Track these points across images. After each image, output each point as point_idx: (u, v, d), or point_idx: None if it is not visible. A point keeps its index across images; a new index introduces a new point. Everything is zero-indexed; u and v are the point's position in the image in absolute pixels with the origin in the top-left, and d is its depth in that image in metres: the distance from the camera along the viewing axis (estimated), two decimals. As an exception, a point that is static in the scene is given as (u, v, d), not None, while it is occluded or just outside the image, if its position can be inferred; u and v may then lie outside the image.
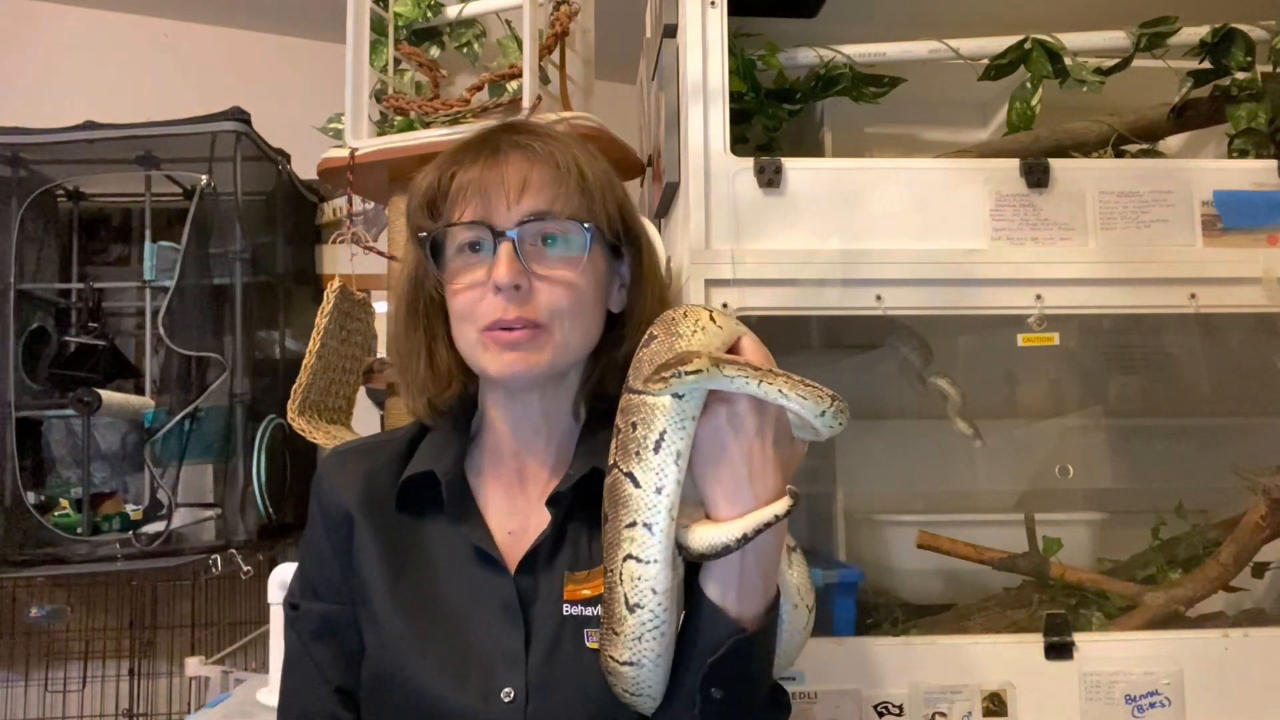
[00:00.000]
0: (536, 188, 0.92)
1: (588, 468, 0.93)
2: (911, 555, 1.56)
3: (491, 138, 0.96)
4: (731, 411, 0.80)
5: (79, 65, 3.04)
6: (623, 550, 0.79)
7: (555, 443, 0.99)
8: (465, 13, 1.86)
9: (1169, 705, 1.36)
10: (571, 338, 0.93)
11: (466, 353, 0.95)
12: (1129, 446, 1.75)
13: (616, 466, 0.80)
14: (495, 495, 0.98)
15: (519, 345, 0.91)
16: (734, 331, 0.85)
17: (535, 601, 0.91)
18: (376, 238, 1.94)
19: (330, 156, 1.77)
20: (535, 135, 0.96)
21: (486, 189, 0.92)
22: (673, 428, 0.78)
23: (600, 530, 0.92)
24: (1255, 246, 1.43)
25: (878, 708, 1.35)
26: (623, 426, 0.81)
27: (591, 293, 0.95)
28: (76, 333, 2.60)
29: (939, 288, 1.40)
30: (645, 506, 0.79)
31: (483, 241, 0.92)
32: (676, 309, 0.86)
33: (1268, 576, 1.53)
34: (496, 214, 0.91)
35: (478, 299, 0.92)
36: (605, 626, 0.82)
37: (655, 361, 0.80)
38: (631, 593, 0.79)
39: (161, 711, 2.82)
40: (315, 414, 1.70)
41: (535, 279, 0.91)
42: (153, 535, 2.38)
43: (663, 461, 0.78)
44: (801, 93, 1.64)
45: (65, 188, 2.75)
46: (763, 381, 0.78)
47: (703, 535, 0.79)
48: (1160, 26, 1.55)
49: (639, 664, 0.81)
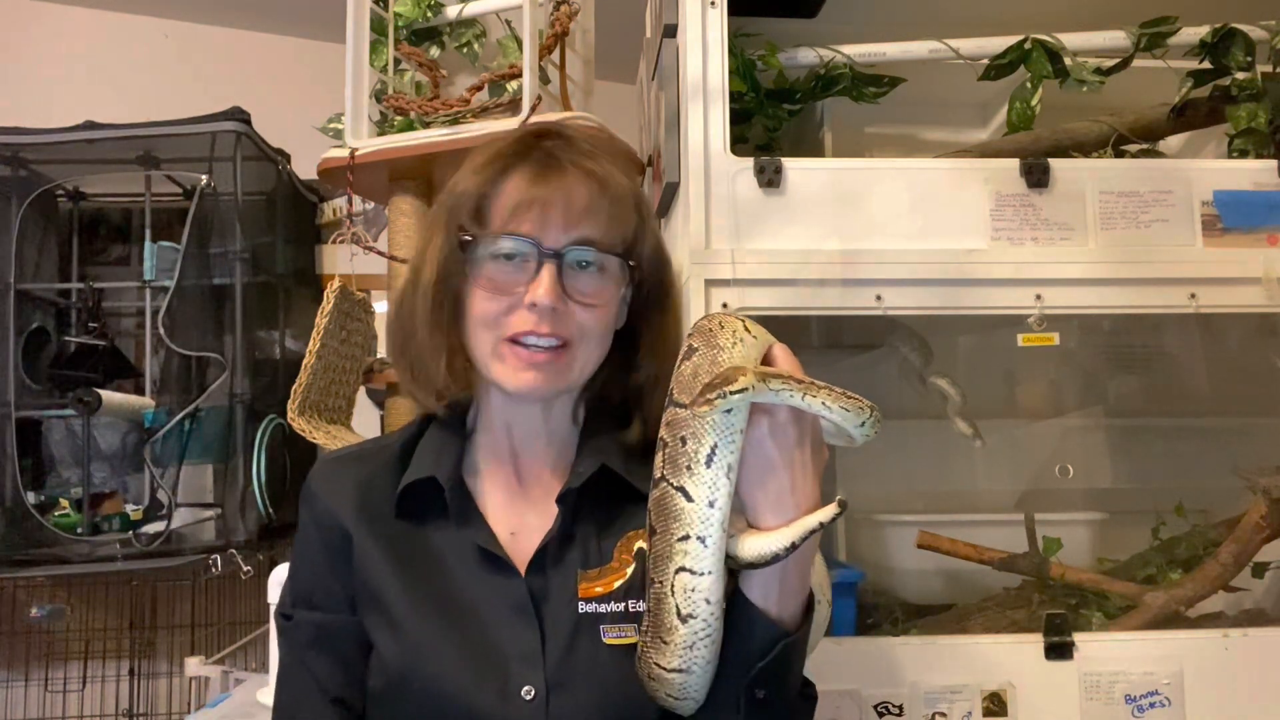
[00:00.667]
0: (595, 215, 0.92)
1: (596, 465, 0.94)
2: (911, 555, 1.56)
3: (547, 149, 0.95)
4: (773, 422, 0.81)
5: (79, 65, 3.04)
6: (675, 563, 0.80)
7: (555, 445, 0.99)
8: (465, 13, 1.86)
9: (1169, 705, 1.36)
10: (590, 357, 0.94)
11: (478, 358, 0.94)
12: (1129, 446, 1.75)
13: (666, 480, 0.81)
14: (494, 495, 0.98)
15: (540, 366, 0.91)
16: (766, 340, 0.87)
17: (547, 600, 0.91)
18: (376, 238, 1.94)
19: (330, 156, 1.77)
20: (592, 157, 0.95)
21: (547, 206, 0.91)
22: (723, 441, 0.80)
23: (606, 527, 0.93)
24: (1255, 246, 1.43)
25: (878, 708, 1.35)
26: (669, 440, 0.82)
27: (613, 315, 0.96)
28: (76, 333, 2.60)
29: (939, 288, 1.40)
30: (699, 520, 0.80)
31: (524, 254, 0.91)
32: (710, 318, 0.86)
33: (1268, 576, 1.53)
34: (549, 232, 0.91)
35: (505, 310, 0.91)
36: (650, 635, 0.83)
37: (698, 375, 0.81)
38: (684, 604, 0.80)
39: (161, 711, 2.82)
40: (315, 414, 1.70)
41: (570, 301, 0.92)
42: (153, 535, 2.38)
43: (715, 475, 0.80)
44: (801, 93, 1.64)
45: (65, 188, 2.75)
46: (806, 394, 0.79)
47: (752, 545, 0.81)
48: (1160, 26, 1.55)
49: (688, 670, 0.82)
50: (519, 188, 0.92)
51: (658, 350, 0.98)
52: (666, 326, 1.00)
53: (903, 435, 1.68)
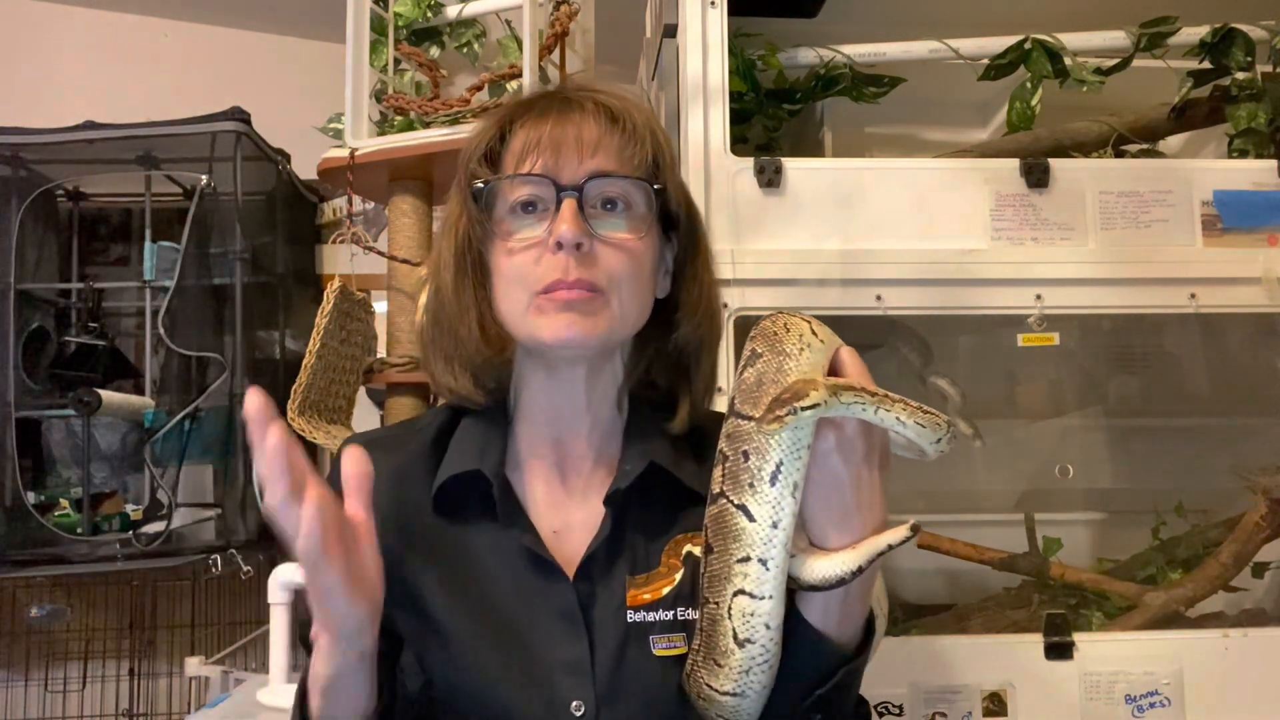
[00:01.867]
0: (609, 147, 0.86)
1: (645, 464, 0.88)
2: (911, 555, 1.56)
3: (560, 93, 0.91)
4: (841, 436, 0.75)
5: (79, 65, 3.04)
6: (734, 585, 0.75)
7: (599, 430, 0.92)
8: (465, 13, 1.86)
9: (1169, 705, 1.36)
10: (629, 309, 0.87)
11: (513, 321, 0.87)
12: (1129, 446, 1.75)
13: (725, 497, 0.76)
14: (536, 490, 0.91)
15: (575, 306, 0.84)
16: (834, 343, 0.81)
17: (594, 608, 0.85)
18: (376, 238, 1.94)
19: (330, 156, 1.77)
20: (610, 94, 0.89)
21: (558, 144, 0.86)
22: (789, 459, 0.74)
23: (653, 529, 0.88)
24: (1255, 246, 1.43)
25: (878, 708, 1.35)
26: (730, 454, 0.76)
27: (649, 265, 0.89)
28: (76, 333, 2.59)
29: (939, 288, 1.40)
30: (760, 541, 0.74)
31: (542, 200, 0.86)
32: (774, 318, 0.80)
33: (1268, 576, 1.53)
34: (564, 170, 0.85)
35: (534, 260, 0.85)
36: (704, 655, 0.78)
37: (763, 383, 0.76)
38: (742, 628, 0.76)
39: (161, 711, 2.82)
40: (315, 414, 1.70)
41: (598, 242, 0.85)
42: (153, 535, 2.38)
43: (779, 494, 0.74)
44: (801, 93, 1.64)
45: (65, 188, 2.75)
46: (880, 408, 0.74)
47: (816, 568, 0.76)
48: (1160, 26, 1.55)
49: (743, 695, 0.78)
50: (529, 131, 0.87)
51: (693, 306, 0.93)
52: (700, 279, 0.94)
53: (902, 435, 1.68)
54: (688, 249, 0.94)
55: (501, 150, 0.90)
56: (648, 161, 0.88)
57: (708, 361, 0.94)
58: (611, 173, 0.86)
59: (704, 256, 0.96)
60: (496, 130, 0.90)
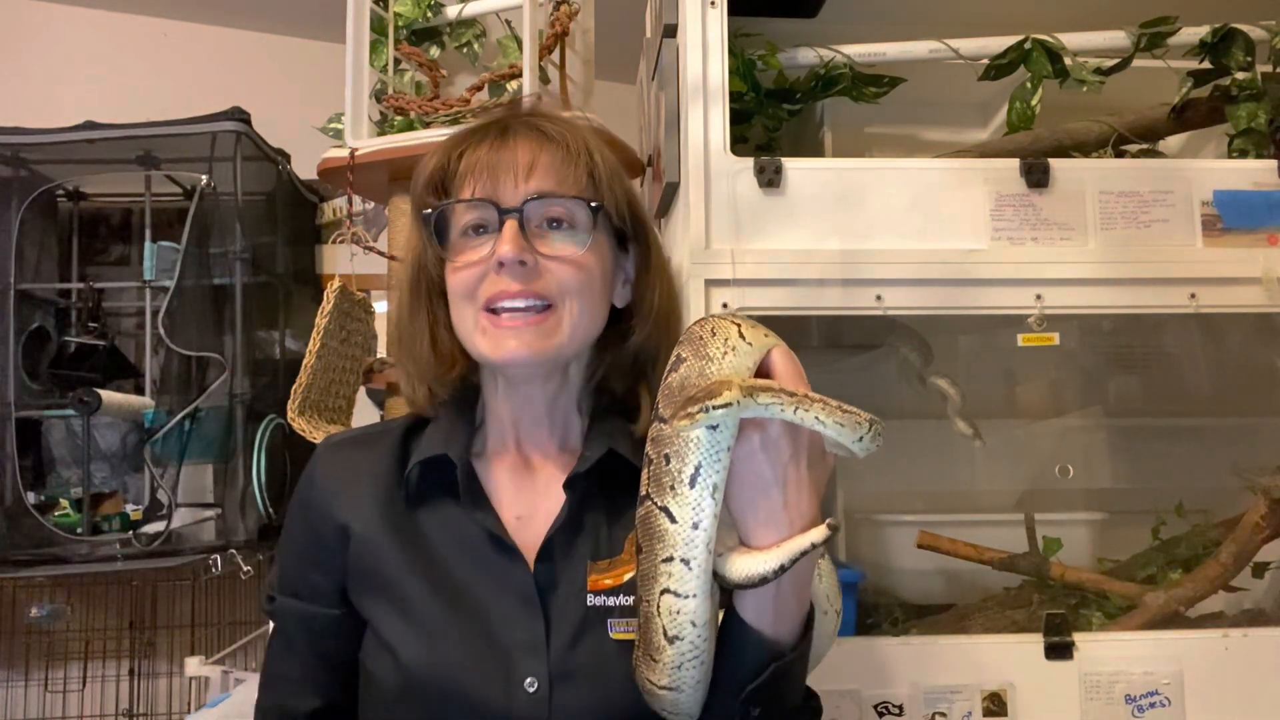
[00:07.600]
0: (545, 168, 0.91)
1: (603, 450, 0.92)
2: (911, 555, 1.56)
3: (501, 120, 0.96)
4: (765, 437, 0.76)
5: (79, 65, 3.04)
6: (659, 584, 0.77)
7: (559, 433, 0.98)
8: (465, 13, 1.86)
9: (1169, 705, 1.36)
10: (581, 321, 0.92)
11: (464, 336, 0.93)
12: (1129, 446, 1.75)
13: (650, 499, 0.77)
14: (501, 479, 0.97)
15: (520, 332, 0.89)
16: (764, 345, 0.81)
17: (555, 590, 0.89)
18: (376, 238, 1.94)
19: (330, 156, 1.77)
20: (547, 118, 0.95)
21: (495, 168, 0.91)
22: (708, 461, 0.75)
23: (616, 516, 0.92)
24: (1255, 246, 1.42)
25: (878, 708, 1.35)
26: (654, 457, 0.78)
27: (599, 277, 0.94)
28: (76, 333, 2.59)
29: (939, 288, 1.40)
30: (682, 542, 0.76)
31: (488, 223, 0.91)
32: (703, 323, 0.81)
33: (1268, 576, 1.53)
34: (504, 193, 0.91)
35: (479, 277, 0.91)
36: (643, 650, 0.81)
37: (686, 386, 0.77)
38: (670, 625, 0.77)
39: (161, 711, 2.82)
40: (315, 414, 1.70)
41: (541, 258, 0.90)
42: (153, 535, 2.38)
43: (699, 496, 0.75)
44: (801, 93, 1.64)
45: (65, 188, 2.75)
46: (798, 408, 0.74)
47: (739, 566, 0.77)
48: (1160, 26, 1.55)
49: (678, 689, 0.80)
50: (470, 157, 0.93)
51: (646, 311, 0.97)
52: (651, 285, 0.98)
53: (903, 435, 1.68)
54: (640, 255, 0.99)
55: (451, 177, 0.95)
56: (585, 180, 0.93)
57: (665, 361, 0.96)
58: (550, 193, 0.91)
59: (657, 264, 1.00)
60: (444, 158, 0.95)
